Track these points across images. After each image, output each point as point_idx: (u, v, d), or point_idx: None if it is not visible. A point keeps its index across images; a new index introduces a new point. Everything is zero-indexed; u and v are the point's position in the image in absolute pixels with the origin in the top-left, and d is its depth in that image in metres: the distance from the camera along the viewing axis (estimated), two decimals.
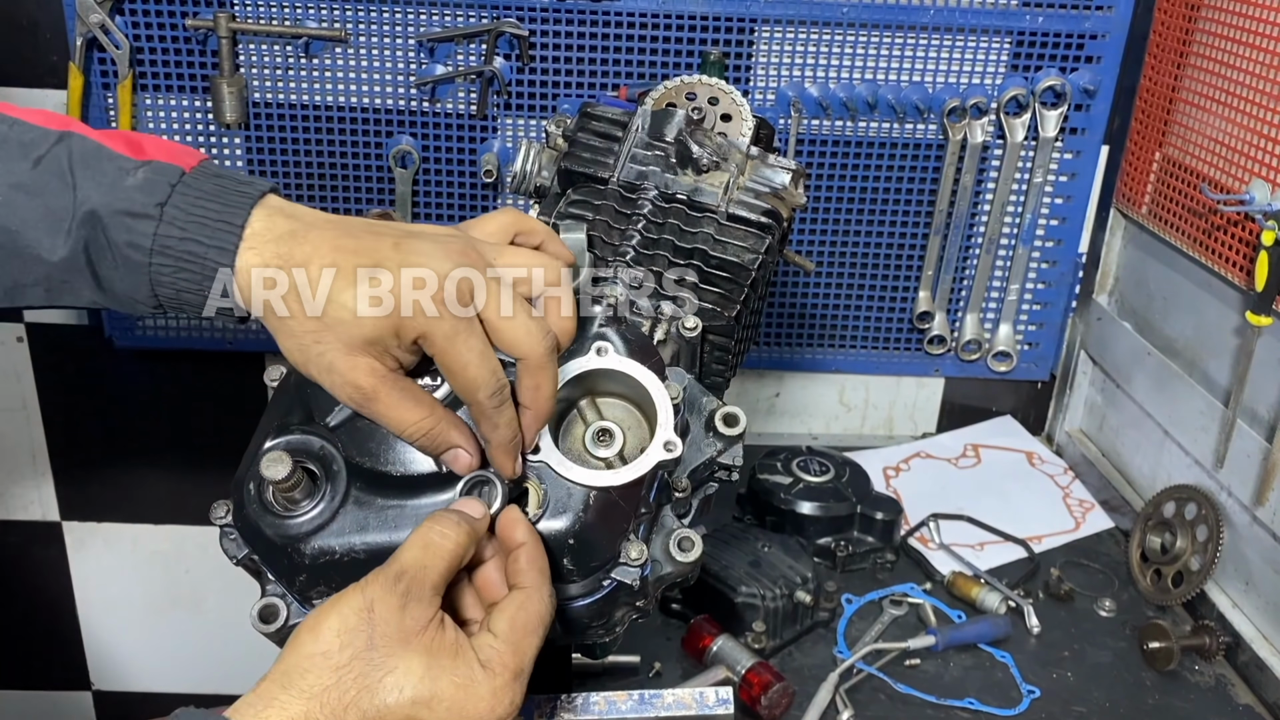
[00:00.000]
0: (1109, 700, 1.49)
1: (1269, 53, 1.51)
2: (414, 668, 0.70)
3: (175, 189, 0.77)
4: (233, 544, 0.81)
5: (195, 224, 0.76)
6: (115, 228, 0.76)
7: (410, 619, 0.70)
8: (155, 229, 0.76)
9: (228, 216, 0.76)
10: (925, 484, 1.94)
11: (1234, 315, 1.62)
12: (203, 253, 0.76)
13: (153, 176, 0.78)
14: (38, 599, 2.24)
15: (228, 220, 0.76)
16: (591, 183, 1.02)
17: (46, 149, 0.78)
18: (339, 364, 0.75)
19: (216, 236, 0.76)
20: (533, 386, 0.77)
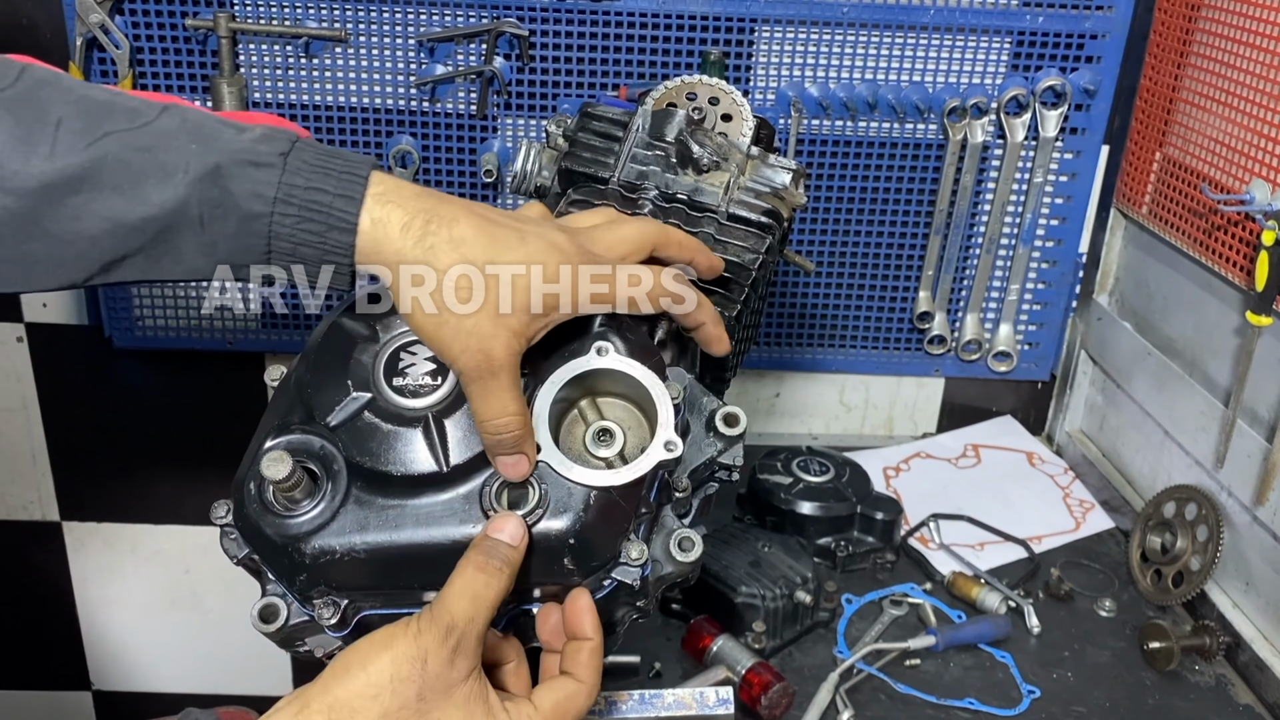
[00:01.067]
0: (1109, 700, 1.49)
1: (1269, 53, 1.51)
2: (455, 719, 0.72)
3: (295, 144, 0.77)
4: (233, 544, 0.81)
5: (319, 174, 0.76)
6: (238, 178, 0.75)
7: (456, 672, 0.72)
8: (280, 177, 0.75)
9: (351, 169, 0.76)
10: (925, 484, 1.94)
11: (1234, 315, 1.62)
12: (328, 201, 0.75)
13: (270, 133, 0.78)
14: (38, 599, 2.24)
15: (352, 173, 0.76)
16: (592, 182, 1.02)
17: (154, 115, 0.77)
18: (483, 327, 0.74)
19: (342, 185, 0.75)
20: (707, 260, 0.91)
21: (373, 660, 0.71)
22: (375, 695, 0.70)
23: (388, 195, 0.76)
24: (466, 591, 0.73)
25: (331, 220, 0.75)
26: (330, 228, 0.75)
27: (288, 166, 0.75)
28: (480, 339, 0.74)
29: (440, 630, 0.72)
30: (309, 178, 0.75)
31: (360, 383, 0.80)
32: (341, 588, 0.78)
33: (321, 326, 0.84)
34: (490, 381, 0.75)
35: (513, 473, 0.78)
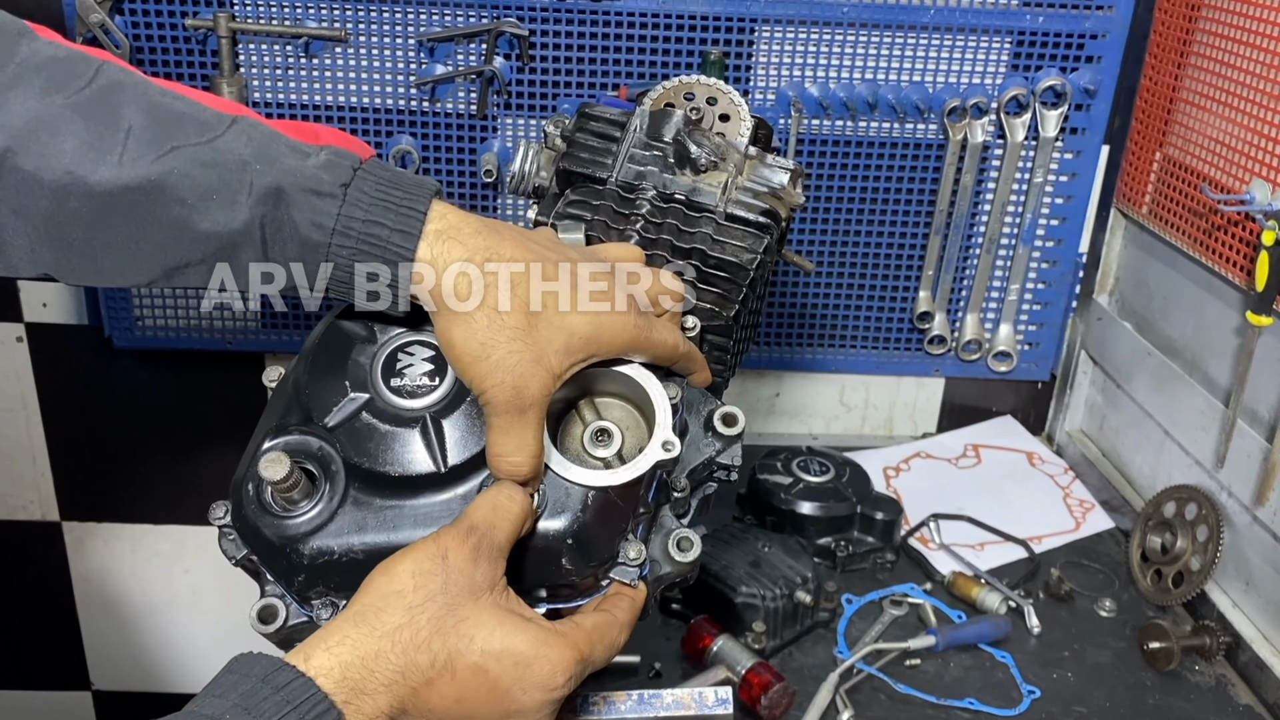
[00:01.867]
0: (1109, 700, 1.49)
1: (1269, 53, 1.51)
2: (486, 620, 0.71)
3: (357, 172, 0.77)
4: (231, 545, 0.81)
5: (379, 207, 0.76)
6: (299, 205, 0.75)
7: (480, 575, 0.72)
8: (339, 208, 0.75)
9: (410, 203, 0.76)
10: (925, 484, 1.94)
11: (1234, 315, 1.62)
12: (385, 236, 0.75)
13: (334, 159, 0.78)
14: (38, 599, 2.24)
15: (411, 206, 0.76)
16: (590, 183, 1.02)
17: (223, 129, 0.77)
18: (523, 366, 0.75)
19: (401, 221, 0.76)
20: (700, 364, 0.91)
21: (395, 565, 0.72)
22: (398, 591, 0.71)
23: (447, 232, 0.77)
24: (486, 501, 0.75)
25: (388, 254, 0.76)
26: (386, 262, 0.76)
27: (348, 198, 0.76)
28: (518, 375, 0.75)
29: (460, 530, 0.73)
30: (368, 210, 0.76)
31: (358, 383, 0.80)
32: (340, 588, 0.78)
33: (320, 327, 0.84)
34: (517, 418, 0.76)
35: None
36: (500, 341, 0.75)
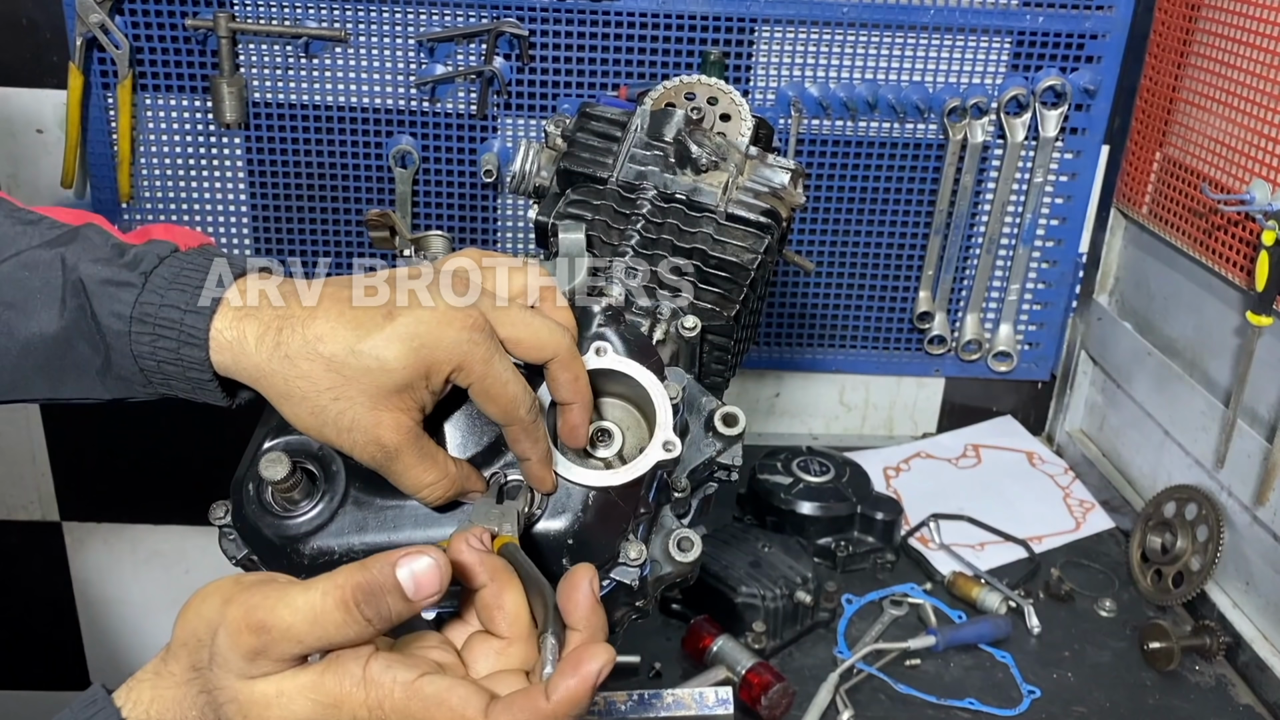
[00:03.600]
0: (1109, 700, 1.49)
1: (1269, 53, 1.51)
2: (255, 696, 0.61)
3: (165, 260, 0.76)
4: (232, 544, 0.81)
5: (175, 289, 0.74)
6: (99, 296, 0.74)
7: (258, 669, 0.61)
8: (137, 296, 0.74)
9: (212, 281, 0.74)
10: (925, 484, 1.94)
11: (1234, 315, 1.62)
12: (179, 318, 0.73)
13: (146, 251, 0.76)
14: (37, 599, 2.24)
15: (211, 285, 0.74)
16: (590, 183, 1.02)
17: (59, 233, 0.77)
18: (362, 420, 0.71)
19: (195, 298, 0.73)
20: (571, 379, 0.76)
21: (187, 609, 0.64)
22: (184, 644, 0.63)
23: (246, 309, 0.73)
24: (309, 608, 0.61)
25: (183, 336, 0.73)
26: (182, 344, 0.73)
27: (148, 284, 0.74)
28: (365, 432, 0.71)
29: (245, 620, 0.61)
30: (164, 294, 0.74)
31: None
32: None
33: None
34: (395, 464, 0.73)
35: None
36: (325, 405, 0.71)
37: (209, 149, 1.85)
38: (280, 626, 0.61)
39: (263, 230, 1.90)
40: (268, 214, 1.89)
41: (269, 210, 1.88)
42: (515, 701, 0.61)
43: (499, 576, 0.67)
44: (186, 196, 1.87)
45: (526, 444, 0.75)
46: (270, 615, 0.61)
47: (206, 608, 0.63)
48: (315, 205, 1.88)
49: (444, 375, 0.72)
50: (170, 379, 0.75)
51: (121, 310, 0.74)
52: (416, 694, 0.61)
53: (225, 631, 0.61)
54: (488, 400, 0.73)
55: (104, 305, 0.74)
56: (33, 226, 0.78)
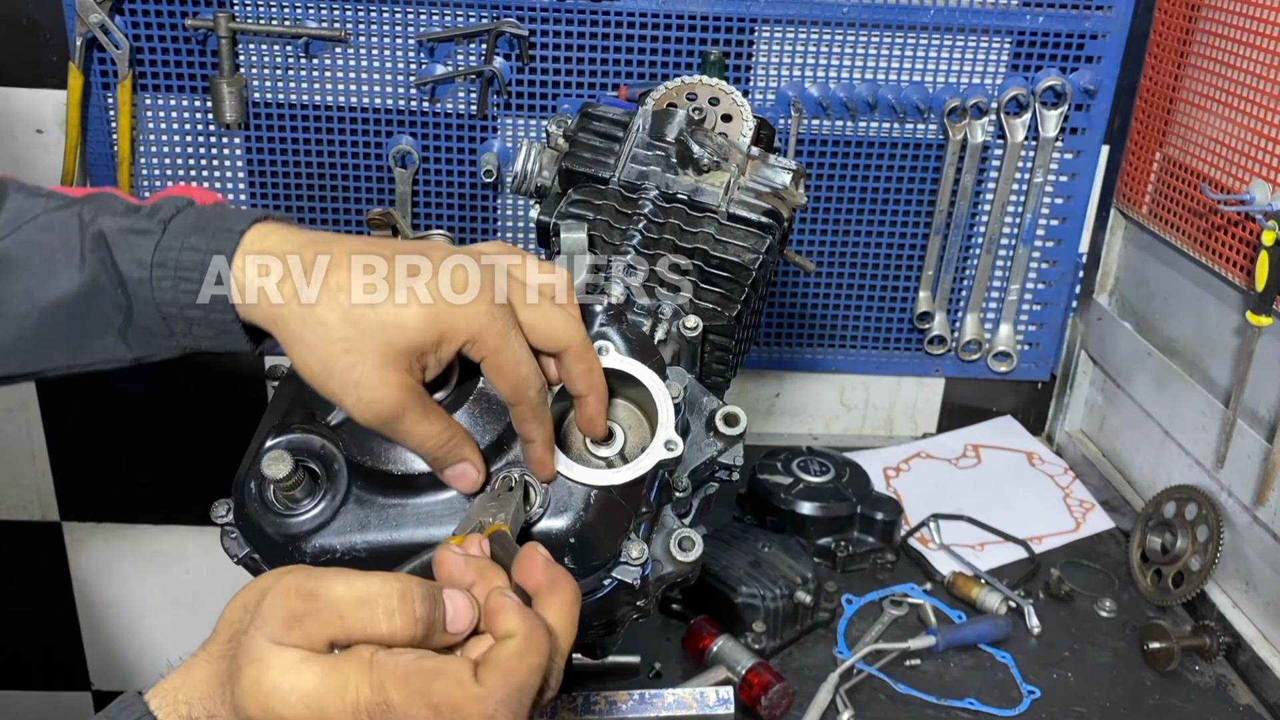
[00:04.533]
0: (1109, 700, 1.49)
1: (1269, 53, 1.51)
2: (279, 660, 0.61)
3: (181, 210, 0.77)
4: (234, 543, 0.81)
5: (195, 234, 0.75)
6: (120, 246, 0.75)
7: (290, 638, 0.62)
8: (156, 242, 0.75)
9: (229, 224, 0.75)
10: (925, 484, 1.94)
11: (1234, 315, 1.62)
12: (200, 260, 0.74)
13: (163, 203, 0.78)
14: (38, 599, 2.24)
15: (228, 228, 0.75)
16: (592, 182, 1.02)
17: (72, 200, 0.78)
18: (369, 378, 0.71)
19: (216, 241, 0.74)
20: (585, 371, 0.77)
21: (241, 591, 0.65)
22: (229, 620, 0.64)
23: (269, 249, 0.74)
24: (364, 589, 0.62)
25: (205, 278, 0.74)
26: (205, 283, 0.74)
27: (167, 230, 0.75)
28: (370, 390, 0.71)
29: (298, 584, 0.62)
30: (184, 239, 0.75)
31: None
32: None
33: None
34: (398, 424, 0.73)
35: (463, 484, 0.77)
36: (336, 355, 0.71)
37: (209, 149, 1.85)
38: (329, 598, 0.61)
39: None
40: None
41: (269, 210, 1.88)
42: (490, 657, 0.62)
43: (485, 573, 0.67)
44: None
45: (533, 425, 0.75)
46: (322, 586, 0.62)
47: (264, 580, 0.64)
48: (315, 205, 1.88)
49: (457, 345, 0.72)
50: (193, 325, 0.76)
51: (142, 257, 0.75)
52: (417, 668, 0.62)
53: (272, 595, 0.62)
54: (499, 376, 0.73)
55: (125, 254, 0.75)
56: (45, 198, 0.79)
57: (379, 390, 0.71)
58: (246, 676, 0.61)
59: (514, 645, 0.62)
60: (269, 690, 0.61)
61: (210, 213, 0.76)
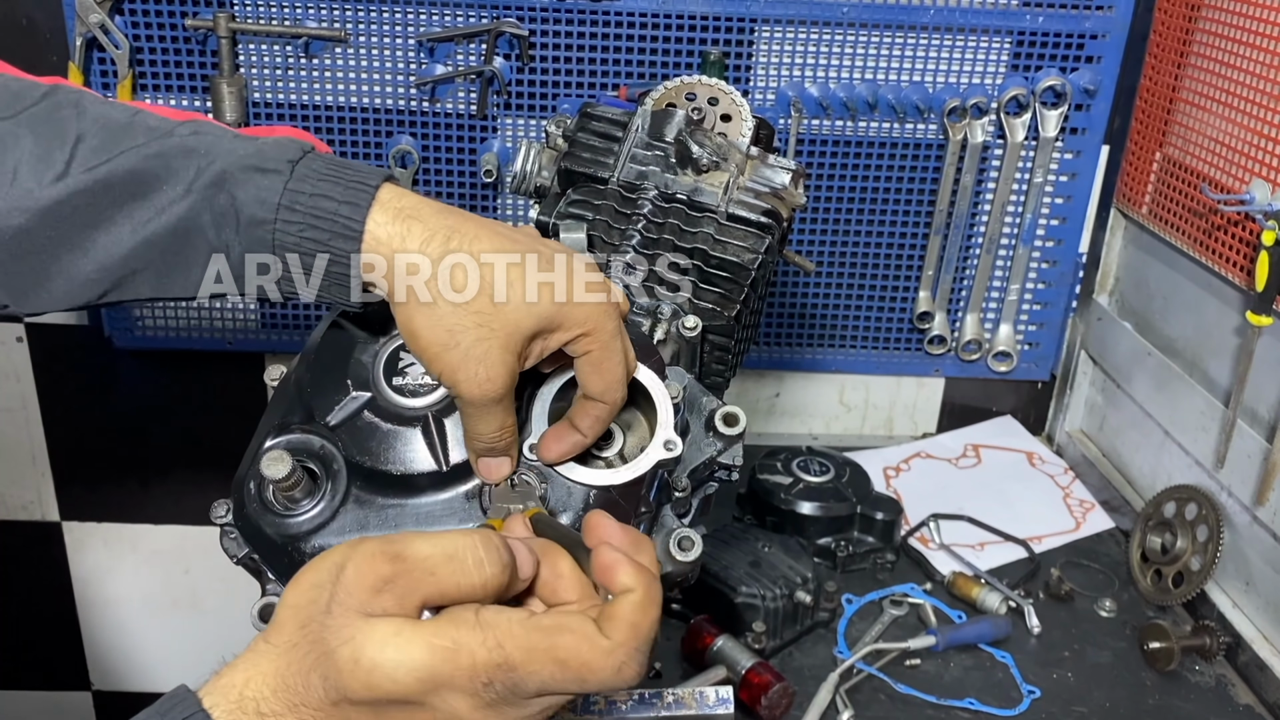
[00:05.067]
0: (1109, 700, 1.49)
1: (1269, 53, 1.51)
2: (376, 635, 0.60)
3: (307, 154, 0.75)
4: (233, 543, 0.81)
5: (328, 181, 0.73)
6: (243, 183, 0.73)
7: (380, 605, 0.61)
8: (285, 183, 0.73)
9: (361, 178, 0.74)
10: (925, 484, 1.94)
11: (1234, 315, 1.62)
12: (333, 209, 0.72)
13: (285, 142, 0.76)
14: (38, 599, 2.24)
15: (361, 181, 0.74)
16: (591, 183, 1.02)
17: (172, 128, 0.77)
18: (494, 355, 0.71)
19: (350, 193, 0.73)
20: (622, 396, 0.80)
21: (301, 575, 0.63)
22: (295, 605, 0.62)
23: (407, 210, 0.73)
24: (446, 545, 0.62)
25: (336, 227, 0.72)
26: (335, 235, 0.72)
27: (295, 174, 0.74)
28: (491, 367, 0.72)
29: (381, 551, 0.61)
30: (316, 185, 0.73)
31: (360, 382, 0.80)
32: None
33: (321, 326, 0.84)
34: (494, 407, 0.74)
35: (495, 474, 0.77)
36: (467, 328, 0.71)
37: None
38: (416, 556, 0.61)
39: None
40: None
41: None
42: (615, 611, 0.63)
43: (548, 552, 0.67)
44: None
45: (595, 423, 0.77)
46: (407, 547, 0.62)
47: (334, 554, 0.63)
48: None
49: (569, 336, 0.74)
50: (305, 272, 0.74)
51: (269, 198, 0.73)
52: (536, 625, 0.62)
53: (355, 563, 0.61)
54: (597, 373, 0.75)
55: (248, 192, 0.73)
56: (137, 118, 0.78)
57: (498, 368, 0.72)
58: (342, 658, 0.60)
59: (636, 598, 0.63)
60: (371, 668, 0.59)
61: (338, 161, 0.75)
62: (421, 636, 0.60)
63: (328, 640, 0.60)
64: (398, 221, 0.73)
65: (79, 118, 0.76)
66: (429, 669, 0.60)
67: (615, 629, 0.62)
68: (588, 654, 0.61)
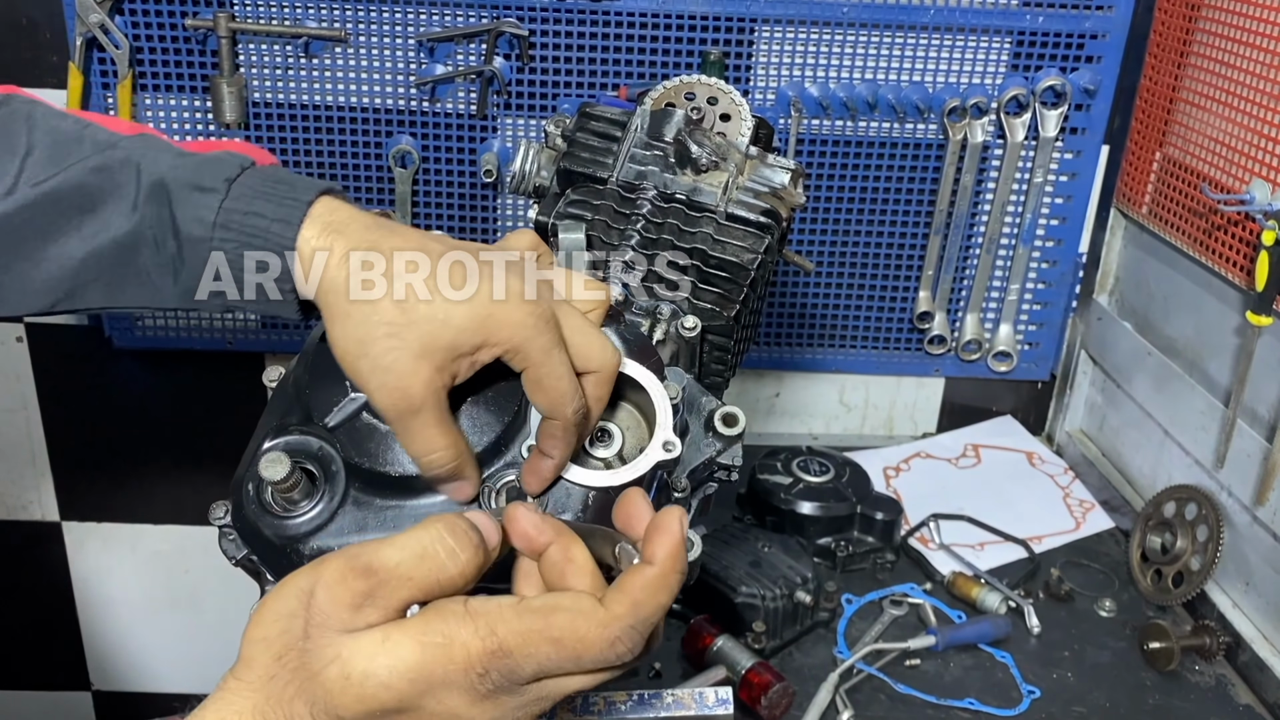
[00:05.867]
0: (1109, 700, 1.49)
1: (1269, 53, 1.51)
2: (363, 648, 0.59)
3: (246, 170, 0.76)
4: (231, 544, 0.81)
5: (261, 198, 0.74)
6: (181, 201, 0.74)
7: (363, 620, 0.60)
8: (220, 202, 0.74)
9: (295, 194, 0.75)
10: (925, 484, 1.94)
11: (1234, 315, 1.62)
12: (265, 226, 0.73)
13: (224, 158, 0.77)
14: (38, 599, 2.24)
15: (295, 197, 0.74)
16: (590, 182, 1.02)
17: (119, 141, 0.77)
18: (401, 364, 0.70)
19: (282, 210, 0.73)
20: (599, 398, 0.77)
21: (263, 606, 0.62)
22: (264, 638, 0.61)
23: (335, 225, 0.74)
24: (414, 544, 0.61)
25: (270, 243, 0.73)
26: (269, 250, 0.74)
27: (231, 192, 0.74)
28: (399, 376, 0.70)
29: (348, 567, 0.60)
30: (250, 202, 0.74)
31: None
32: None
33: (320, 327, 0.84)
34: (412, 420, 0.72)
35: (457, 496, 0.76)
36: (376, 338, 0.70)
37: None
38: (388, 566, 0.60)
39: None
40: None
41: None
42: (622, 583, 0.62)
43: (563, 534, 0.66)
44: None
45: (558, 443, 0.74)
46: (376, 558, 0.61)
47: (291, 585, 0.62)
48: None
49: (496, 353, 0.72)
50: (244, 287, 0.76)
51: (204, 215, 0.74)
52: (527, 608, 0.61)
53: (324, 586, 0.60)
54: (539, 390, 0.73)
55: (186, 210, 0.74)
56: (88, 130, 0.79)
57: (407, 378, 0.70)
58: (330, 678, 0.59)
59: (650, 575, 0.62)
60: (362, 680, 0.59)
61: (274, 177, 0.76)
62: (410, 637, 0.60)
63: (310, 665, 0.59)
64: (324, 235, 0.73)
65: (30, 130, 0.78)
66: (422, 669, 0.59)
67: (616, 601, 0.61)
68: (582, 628, 0.60)
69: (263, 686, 0.60)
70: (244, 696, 0.60)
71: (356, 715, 0.59)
